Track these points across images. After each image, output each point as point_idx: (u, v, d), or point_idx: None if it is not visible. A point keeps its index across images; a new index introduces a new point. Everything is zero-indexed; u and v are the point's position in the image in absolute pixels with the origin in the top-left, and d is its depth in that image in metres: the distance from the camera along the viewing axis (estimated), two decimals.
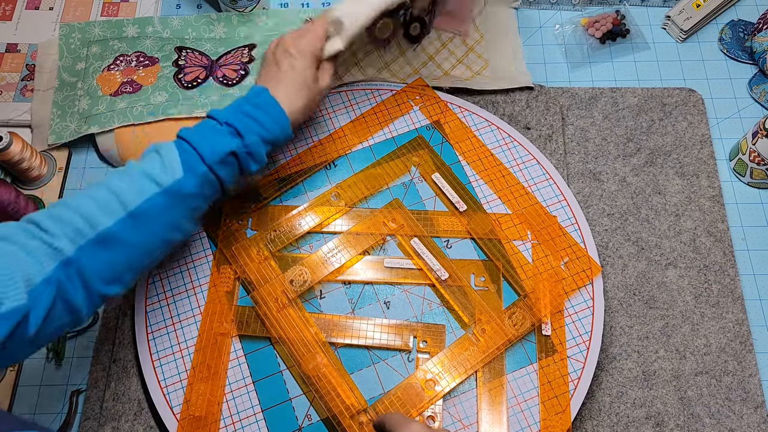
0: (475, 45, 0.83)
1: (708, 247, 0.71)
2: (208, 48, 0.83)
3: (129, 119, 0.76)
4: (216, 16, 0.85)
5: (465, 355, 0.63)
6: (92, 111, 0.77)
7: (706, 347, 0.67)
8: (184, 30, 0.84)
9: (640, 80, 0.82)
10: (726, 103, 0.81)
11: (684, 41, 0.84)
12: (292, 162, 0.73)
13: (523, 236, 0.69)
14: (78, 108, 0.78)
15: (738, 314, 0.68)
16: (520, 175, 0.73)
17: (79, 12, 0.86)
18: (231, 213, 0.70)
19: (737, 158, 0.75)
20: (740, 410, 0.64)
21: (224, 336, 0.65)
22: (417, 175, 0.73)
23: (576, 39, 0.84)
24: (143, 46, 0.82)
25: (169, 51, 0.82)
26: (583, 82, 0.82)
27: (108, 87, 0.79)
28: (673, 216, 0.73)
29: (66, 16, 0.86)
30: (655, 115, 0.78)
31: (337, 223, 0.70)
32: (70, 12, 0.86)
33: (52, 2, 0.87)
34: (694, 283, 0.69)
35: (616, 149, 0.76)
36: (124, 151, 0.75)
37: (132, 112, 0.76)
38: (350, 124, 0.76)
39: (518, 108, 0.78)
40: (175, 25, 0.84)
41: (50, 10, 0.86)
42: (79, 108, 0.78)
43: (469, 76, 0.80)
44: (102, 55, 0.81)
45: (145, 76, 0.80)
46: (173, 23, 0.84)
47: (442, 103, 0.76)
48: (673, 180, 0.75)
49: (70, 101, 0.78)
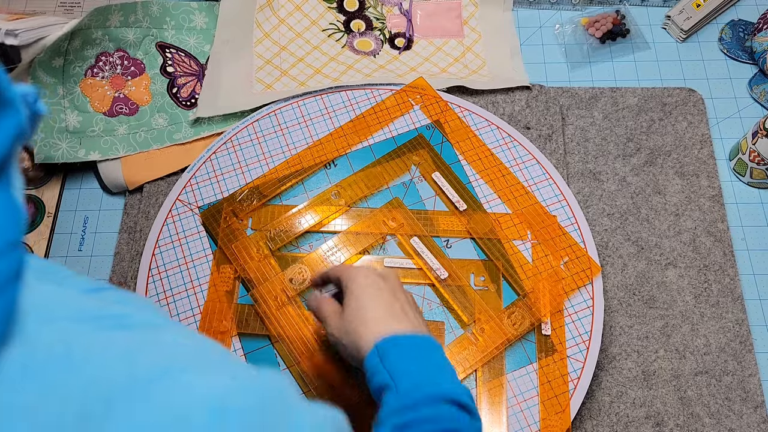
0: (473, 45, 0.83)
1: (708, 247, 0.71)
2: (191, 45, 0.81)
3: (135, 147, 0.74)
4: (197, 5, 0.82)
5: (464, 354, 0.63)
6: (87, 131, 0.73)
7: (705, 347, 0.67)
8: (162, 18, 0.80)
9: (640, 80, 0.82)
10: (726, 102, 0.81)
11: (684, 41, 0.84)
12: (291, 161, 0.73)
13: (523, 236, 0.69)
14: (67, 124, 0.73)
15: (738, 314, 0.68)
16: (520, 174, 0.73)
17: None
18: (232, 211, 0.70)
19: (737, 158, 0.75)
20: (740, 410, 0.64)
21: (224, 334, 0.65)
22: (417, 175, 0.73)
23: (576, 39, 0.84)
24: (125, 42, 0.78)
25: (152, 50, 0.79)
26: (583, 82, 0.82)
27: (98, 102, 0.75)
28: (673, 216, 0.73)
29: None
30: (655, 115, 0.78)
31: (336, 222, 0.70)
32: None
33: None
34: (693, 283, 0.69)
35: (616, 149, 0.76)
36: (130, 175, 0.74)
37: (136, 139, 0.74)
38: (350, 124, 0.76)
39: (518, 108, 0.78)
40: (154, 12, 0.79)
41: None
42: (68, 124, 0.73)
43: (467, 74, 0.80)
44: (83, 53, 0.76)
45: (136, 91, 0.77)
46: (152, 9, 0.79)
47: (443, 102, 0.76)
48: (673, 180, 0.75)
49: (55, 113, 0.73)
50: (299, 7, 0.85)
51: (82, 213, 0.75)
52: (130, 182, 0.74)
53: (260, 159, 0.74)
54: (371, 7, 0.86)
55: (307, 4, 0.86)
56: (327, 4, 0.86)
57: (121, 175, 0.74)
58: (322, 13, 0.85)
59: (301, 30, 0.85)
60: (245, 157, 0.74)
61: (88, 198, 0.76)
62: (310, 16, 0.85)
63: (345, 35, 0.84)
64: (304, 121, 0.76)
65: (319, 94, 0.78)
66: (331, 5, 0.86)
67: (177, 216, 0.71)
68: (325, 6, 0.86)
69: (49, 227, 0.74)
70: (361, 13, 0.86)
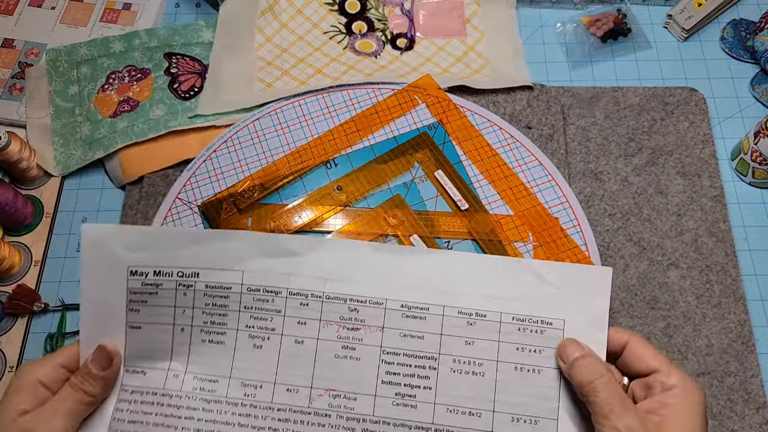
0: (475, 44, 0.83)
1: (710, 248, 0.71)
2: (198, 52, 0.82)
3: (131, 138, 0.75)
4: (204, 23, 0.84)
5: None
6: (95, 135, 0.76)
7: (707, 348, 0.67)
8: (171, 38, 0.83)
9: (641, 79, 0.82)
10: (728, 102, 0.80)
11: (686, 40, 0.84)
12: (291, 159, 0.73)
13: (525, 238, 0.69)
14: (80, 135, 0.77)
15: (740, 315, 0.68)
16: (522, 176, 0.72)
17: (79, 15, 0.85)
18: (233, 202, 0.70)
19: (739, 158, 0.75)
20: (742, 411, 0.64)
21: None
22: (419, 174, 0.72)
23: (577, 38, 0.84)
24: (132, 59, 0.81)
25: (159, 59, 0.81)
26: (584, 81, 0.81)
27: (106, 109, 0.78)
28: (674, 216, 0.72)
29: (66, 17, 0.85)
30: (656, 115, 0.78)
31: (336, 220, 0.70)
32: (71, 14, 0.85)
33: (55, 2, 0.86)
34: (695, 284, 0.69)
35: (617, 149, 0.76)
36: (128, 168, 0.75)
37: (133, 131, 0.76)
38: (351, 122, 0.75)
39: (519, 107, 0.77)
40: (161, 35, 0.83)
41: (52, 9, 0.86)
42: (81, 135, 0.77)
43: (469, 74, 0.80)
44: (93, 76, 0.80)
45: (140, 91, 0.79)
46: (159, 33, 0.83)
47: (445, 102, 0.76)
48: (674, 180, 0.74)
49: (71, 128, 0.77)
50: (301, 11, 0.85)
51: (81, 213, 0.75)
52: (128, 175, 0.74)
53: (260, 158, 0.74)
54: (373, 8, 0.86)
55: (308, 7, 0.85)
56: (328, 6, 0.86)
57: (119, 167, 0.75)
58: (324, 15, 0.85)
59: (303, 33, 0.84)
60: (245, 156, 0.74)
61: (86, 198, 0.76)
62: (311, 19, 0.85)
63: (346, 37, 0.84)
64: (305, 120, 0.76)
65: (320, 93, 0.77)
66: (333, 8, 0.85)
67: (177, 214, 0.71)
68: (326, 9, 0.85)
69: (48, 227, 0.73)
70: (362, 14, 0.85)
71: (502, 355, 0.52)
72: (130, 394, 0.53)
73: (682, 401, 0.45)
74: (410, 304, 0.53)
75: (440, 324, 0.53)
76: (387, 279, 0.54)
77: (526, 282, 0.53)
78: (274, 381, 0.53)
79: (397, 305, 0.53)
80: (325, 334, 0.53)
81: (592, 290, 0.53)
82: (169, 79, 0.80)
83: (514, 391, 0.52)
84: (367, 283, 0.54)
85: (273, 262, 0.54)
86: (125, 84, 0.79)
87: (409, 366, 0.53)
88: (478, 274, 0.54)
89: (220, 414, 0.52)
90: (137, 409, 0.52)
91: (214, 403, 0.53)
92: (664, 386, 0.47)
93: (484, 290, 0.53)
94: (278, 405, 0.53)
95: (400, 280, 0.54)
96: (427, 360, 0.53)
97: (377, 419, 0.52)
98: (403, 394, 0.52)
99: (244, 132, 0.75)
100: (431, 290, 0.53)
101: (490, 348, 0.52)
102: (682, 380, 0.46)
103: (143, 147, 0.75)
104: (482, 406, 0.52)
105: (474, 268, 0.54)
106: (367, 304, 0.54)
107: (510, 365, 0.52)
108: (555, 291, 0.53)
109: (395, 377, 0.53)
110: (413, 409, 0.52)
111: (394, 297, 0.54)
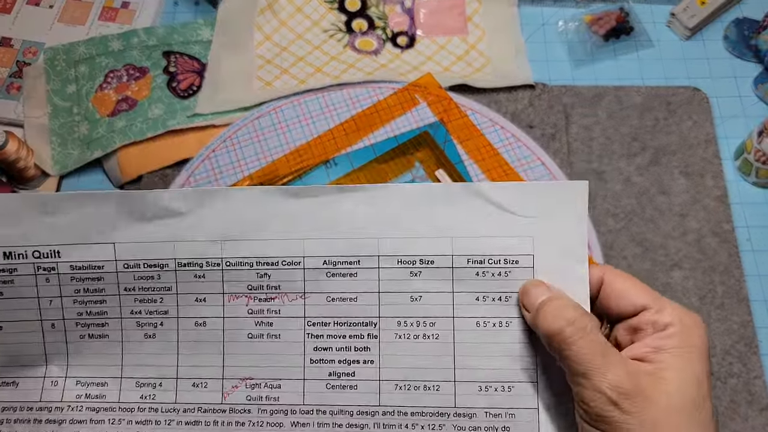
0: (477, 42, 0.82)
1: (713, 248, 0.70)
2: (197, 50, 0.82)
3: (129, 137, 0.75)
4: (203, 21, 0.84)
5: None
6: (93, 135, 0.76)
7: (711, 349, 0.66)
8: (169, 36, 0.82)
9: (644, 78, 0.81)
10: (731, 101, 0.80)
11: (688, 39, 0.84)
12: (291, 159, 0.73)
13: None
14: (78, 134, 0.76)
15: (743, 316, 0.67)
16: (525, 176, 0.72)
17: (77, 13, 0.84)
18: None
19: (742, 157, 0.74)
20: (745, 413, 0.64)
21: None
22: (419, 174, 0.72)
23: (579, 36, 0.84)
24: (131, 57, 0.80)
25: (158, 58, 0.80)
26: (586, 80, 0.81)
27: (104, 108, 0.77)
28: (678, 216, 0.72)
29: (64, 16, 0.85)
30: (659, 114, 0.77)
31: None
32: (69, 13, 0.85)
33: (53, 0, 0.86)
34: (699, 284, 0.69)
35: (620, 148, 0.76)
36: (126, 167, 0.74)
37: (132, 130, 0.75)
38: (351, 121, 0.75)
39: (521, 106, 0.77)
40: (160, 34, 0.82)
41: (50, 8, 0.85)
42: (79, 134, 0.76)
43: (470, 73, 0.80)
44: (91, 75, 0.79)
45: (138, 90, 0.78)
46: (158, 31, 0.82)
47: (446, 100, 0.76)
48: (678, 180, 0.74)
49: (69, 128, 0.77)
50: (300, 9, 0.85)
51: None
52: (126, 174, 0.74)
53: (260, 157, 0.73)
54: (373, 6, 0.85)
55: (308, 5, 0.85)
56: (328, 4, 0.85)
57: (117, 166, 0.74)
58: (324, 14, 0.85)
59: (302, 31, 0.84)
60: (244, 155, 0.73)
61: None
62: (311, 18, 0.85)
63: (346, 35, 0.83)
64: (305, 119, 0.75)
65: (320, 92, 0.77)
66: (333, 6, 0.85)
67: None
68: (326, 7, 0.85)
69: None
70: (362, 12, 0.85)
71: (459, 309, 0.42)
72: (0, 413, 0.44)
73: (680, 342, 0.35)
74: (335, 258, 0.42)
75: (376, 279, 0.42)
76: (303, 230, 0.42)
77: (479, 212, 0.42)
78: (176, 376, 0.43)
79: (318, 262, 0.42)
80: (231, 311, 0.43)
81: (564, 213, 0.41)
82: (167, 78, 0.79)
83: (478, 353, 0.41)
84: (277, 238, 0.42)
85: (151, 228, 0.43)
86: (123, 83, 0.79)
87: (343, 337, 0.42)
88: (419, 210, 0.42)
89: (113, 425, 0.43)
90: (10, 430, 0.43)
91: (105, 411, 0.43)
92: (657, 326, 0.36)
93: (427, 230, 0.42)
94: (184, 405, 0.43)
95: (319, 231, 0.42)
96: (364, 327, 0.42)
97: (309, 408, 0.42)
98: (339, 373, 0.42)
99: (243, 131, 0.75)
100: (361, 238, 0.42)
101: (443, 302, 0.42)
102: (679, 315, 0.36)
103: (141, 146, 0.75)
104: (440, 377, 0.41)
105: (412, 203, 0.42)
106: (281, 266, 0.42)
107: (470, 321, 0.41)
108: (517, 219, 0.41)
109: (326, 353, 0.42)
110: (353, 390, 0.42)
111: (313, 252, 0.42)
